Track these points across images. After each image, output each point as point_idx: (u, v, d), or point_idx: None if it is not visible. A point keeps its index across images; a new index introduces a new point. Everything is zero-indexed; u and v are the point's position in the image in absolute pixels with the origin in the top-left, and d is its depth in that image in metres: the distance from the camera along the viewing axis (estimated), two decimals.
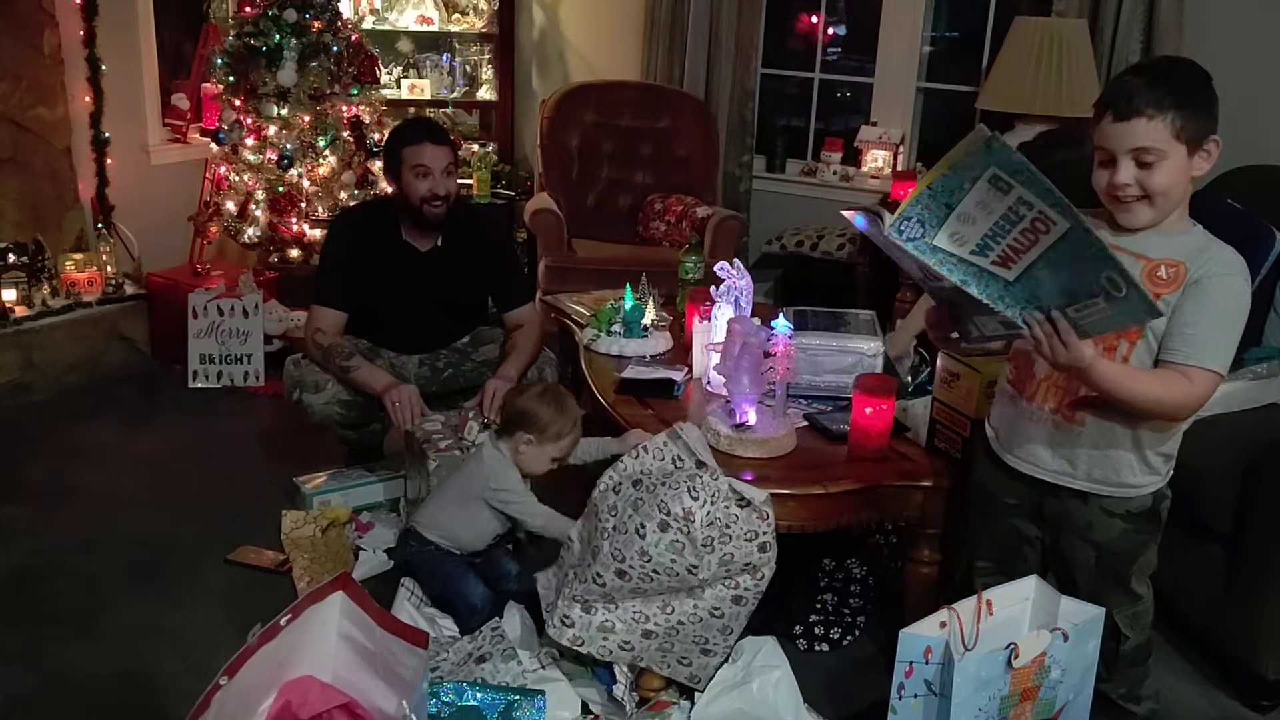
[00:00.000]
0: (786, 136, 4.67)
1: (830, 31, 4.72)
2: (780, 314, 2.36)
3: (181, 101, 4.24)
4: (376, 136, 4.04)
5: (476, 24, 4.93)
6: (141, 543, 2.65)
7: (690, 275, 3.00)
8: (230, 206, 3.94)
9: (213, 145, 4.00)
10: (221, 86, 3.90)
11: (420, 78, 4.88)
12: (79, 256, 3.74)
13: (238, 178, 3.92)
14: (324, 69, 3.89)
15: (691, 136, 4.46)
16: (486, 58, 4.98)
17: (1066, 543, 1.85)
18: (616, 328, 2.77)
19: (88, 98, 3.80)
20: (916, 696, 1.76)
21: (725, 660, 2.08)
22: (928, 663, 1.73)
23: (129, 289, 3.89)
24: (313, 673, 1.49)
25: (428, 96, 4.85)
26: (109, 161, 3.89)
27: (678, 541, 1.91)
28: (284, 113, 3.85)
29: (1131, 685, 1.92)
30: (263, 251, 3.99)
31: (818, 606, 2.42)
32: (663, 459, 2.08)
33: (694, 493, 1.93)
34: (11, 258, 3.54)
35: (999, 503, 1.91)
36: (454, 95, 4.94)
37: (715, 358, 2.33)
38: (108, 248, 3.84)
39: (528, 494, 2.31)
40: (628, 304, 2.78)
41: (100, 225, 3.90)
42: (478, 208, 4.47)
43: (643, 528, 1.93)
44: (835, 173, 4.46)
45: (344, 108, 4.00)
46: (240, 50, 3.83)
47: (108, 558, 2.58)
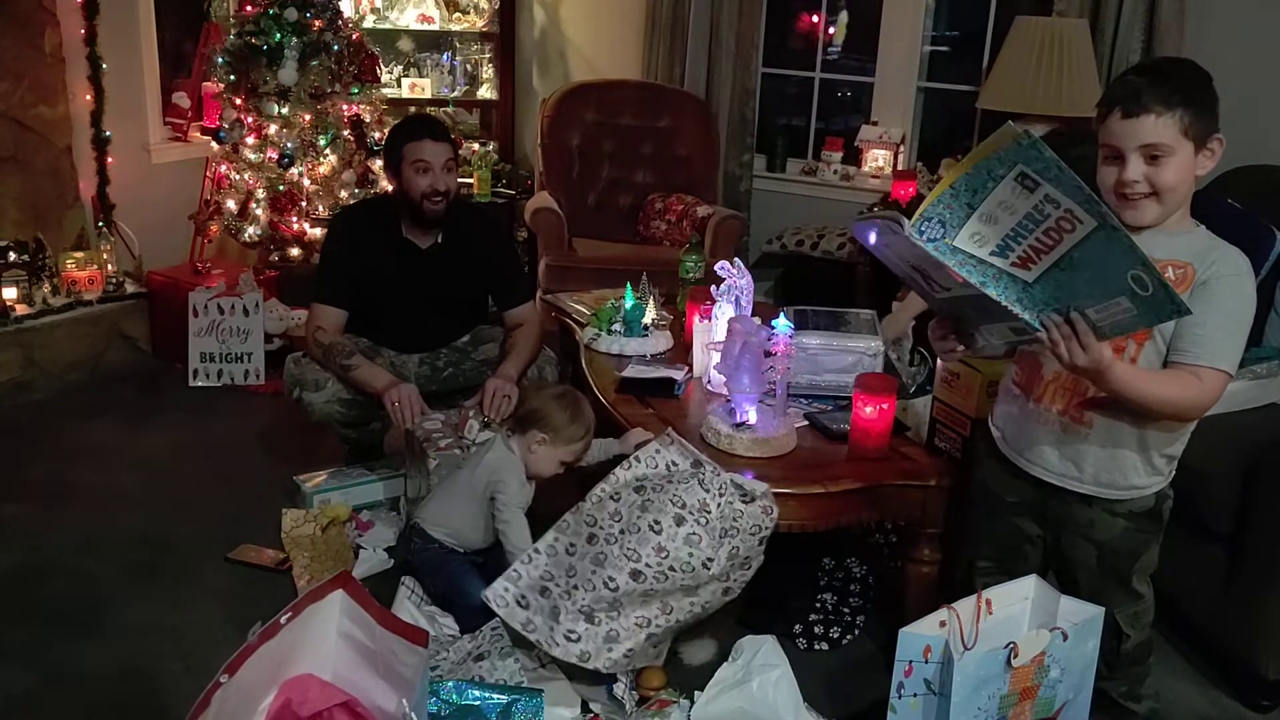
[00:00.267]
0: (787, 136, 4.68)
1: (830, 31, 4.72)
2: (781, 313, 2.36)
3: (182, 100, 4.25)
4: (377, 135, 4.04)
5: (477, 23, 4.93)
6: (141, 542, 2.65)
7: (691, 274, 3.00)
8: (231, 205, 3.94)
9: (213, 144, 4.00)
10: (222, 85, 3.91)
11: (421, 77, 4.88)
12: (80, 255, 3.74)
13: (238, 176, 3.93)
14: (325, 68, 3.89)
15: (692, 136, 4.46)
16: (487, 57, 4.98)
17: (1068, 542, 1.85)
18: (617, 327, 2.77)
19: (89, 96, 3.80)
20: (916, 695, 1.76)
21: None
22: (927, 662, 1.73)
23: (130, 288, 3.89)
24: (313, 671, 1.49)
25: (428, 95, 4.86)
26: (110, 160, 3.89)
27: (694, 534, 1.93)
28: (284, 111, 3.85)
29: (1132, 684, 1.92)
30: (263, 250, 4.00)
31: (817, 606, 2.42)
32: (656, 466, 2.09)
33: (704, 485, 1.96)
34: (12, 256, 3.54)
35: (1001, 502, 1.91)
36: (455, 94, 4.95)
37: (716, 357, 2.33)
38: (108, 246, 3.84)
39: (519, 505, 2.29)
40: (628, 303, 2.78)
41: (101, 224, 3.90)
42: (478, 206, 4.47)
43: (657, 524, 1.95)
44: (836, 172, 4.46)
45: (345, 106, 4.00)
46: (241, 49, 3.84)
47: (108, 557, 2.58)
